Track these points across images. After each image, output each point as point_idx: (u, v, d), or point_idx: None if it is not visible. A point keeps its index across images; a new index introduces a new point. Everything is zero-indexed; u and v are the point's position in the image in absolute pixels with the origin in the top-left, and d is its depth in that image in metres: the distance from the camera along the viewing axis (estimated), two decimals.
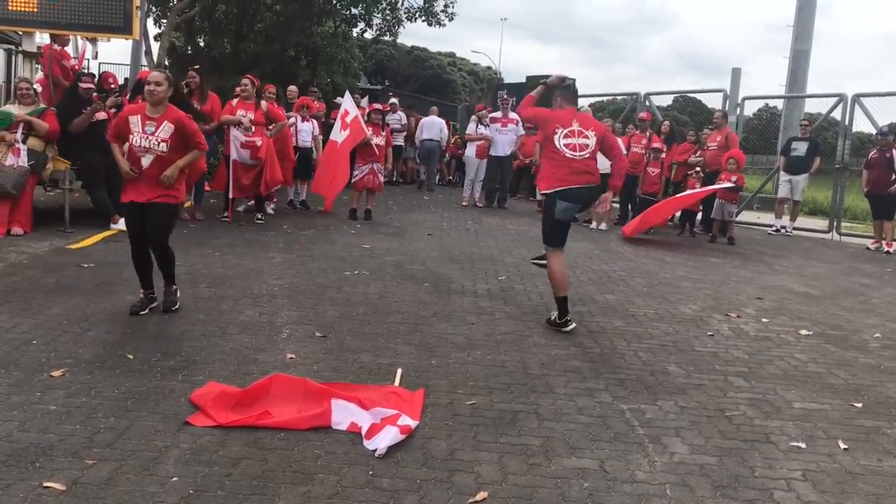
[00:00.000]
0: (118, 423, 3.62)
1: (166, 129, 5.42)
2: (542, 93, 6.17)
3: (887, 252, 11.18)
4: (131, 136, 5.42)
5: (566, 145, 5.73)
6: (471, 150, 13.81)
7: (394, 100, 17.51)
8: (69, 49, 10.02)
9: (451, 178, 18.88)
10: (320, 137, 12.31)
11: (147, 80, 5.51)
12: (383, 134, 10.99)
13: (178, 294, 5.71)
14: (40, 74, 9.72)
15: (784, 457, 3.71)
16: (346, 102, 11.14)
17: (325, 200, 11.20)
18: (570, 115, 5.94)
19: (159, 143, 5.41)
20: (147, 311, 5.47)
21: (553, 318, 5.80)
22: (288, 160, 10.61)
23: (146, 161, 5.42)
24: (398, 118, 16.68)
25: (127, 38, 9.60)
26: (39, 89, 8.74)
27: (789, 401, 4.50)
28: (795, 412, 4.32)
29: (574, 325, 5.70)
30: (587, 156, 5.81)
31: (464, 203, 13.70)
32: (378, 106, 11.44)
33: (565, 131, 5.77)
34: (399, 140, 16.67)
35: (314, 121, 11.94)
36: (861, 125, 13.42)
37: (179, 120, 5.51)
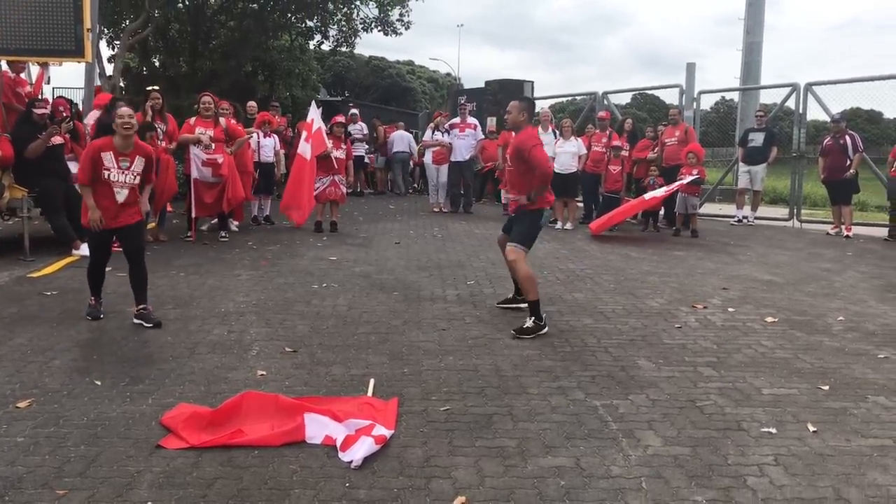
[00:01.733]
0: (88, 450, 3.56)
1: (139, 163, 5.73)
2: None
3: (846, 236, 11.40)
4: (106, 173, 5.59)
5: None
6: (428, 157, 13.90)
7: (354, 110, 17.51)
8: (25, 75, 9.87)
9: (415, 185, 18.90)
10: (282, 153, 12.29)
11: (120, 116, 5.57)
12: (344, 147, 10.95)
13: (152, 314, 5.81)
14: None
15: (756, 443, 3.76)
16: (312, 112, 11.08)
17: (300, 214, 11.03)
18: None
19: (135, 177, 5.72)
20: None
21: (529, 324, 5.67)
22: (247, 174, 10.55)
23: (121, 196, 5.68)
24: (359, 128, 16.76)
25: (80, 62, 9.46)
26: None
27: (758, 387, 4.56)
28: (765, 398, 4.39)
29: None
30: None
31: (434, 209, 13.72)
32: (341, 119, 11.39)
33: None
34: (360, 150, 16.68)
35: (276, 136, 11.91)
36: (815, 113, 13.68)
37: (148, 153, 5.83)
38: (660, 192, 11.16)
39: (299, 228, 10.96)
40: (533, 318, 5.68)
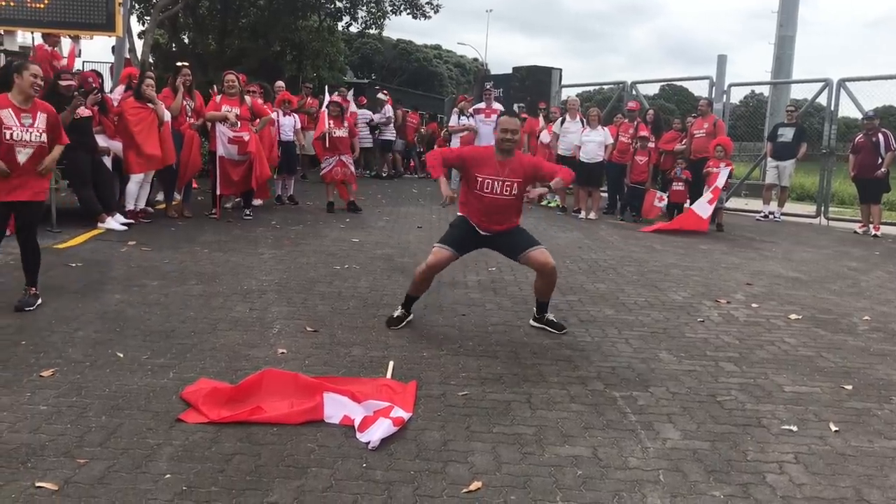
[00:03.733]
0: (109, 421, 3.60)
1: (41, 119, 5.35)
2: None
3: (875, 235, 11.25)
4: (8, 133, 5.18)
5: None
6: (455, 143, 13.82)
7: (381, 95, 17.46)
8: (60, 49, 9.95)
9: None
10: (302, 132, 12.43)
11: (33, 74, 5.24)
12: (345, 125, 10.97)
13: (38, 300, 5.46)
14: None
15: (776, 440, 3.73)
16: (327, 98, 11.33)
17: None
18: None
19: (40, 133, 5.33)
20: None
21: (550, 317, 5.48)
22: (270, 154, 10.63)
23: (23, 156, 5.25)
24: (385, 113, 16.72)
25: (110, 36, 9.53)
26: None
27: (780, 385, 4.52)
28: (786, 396, 4.34)
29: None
30: None
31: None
32: (337, 98, 11.47)
33: None
34: (388, 135, 16.71)
35: (295, 115, 11.99)
36: (846, 110, 13.45)
37: (49, 109, 5.44)
38: (706, 200, 10.89)
39: (320, 211, 10.99)
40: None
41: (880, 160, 11.28)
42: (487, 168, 5.20)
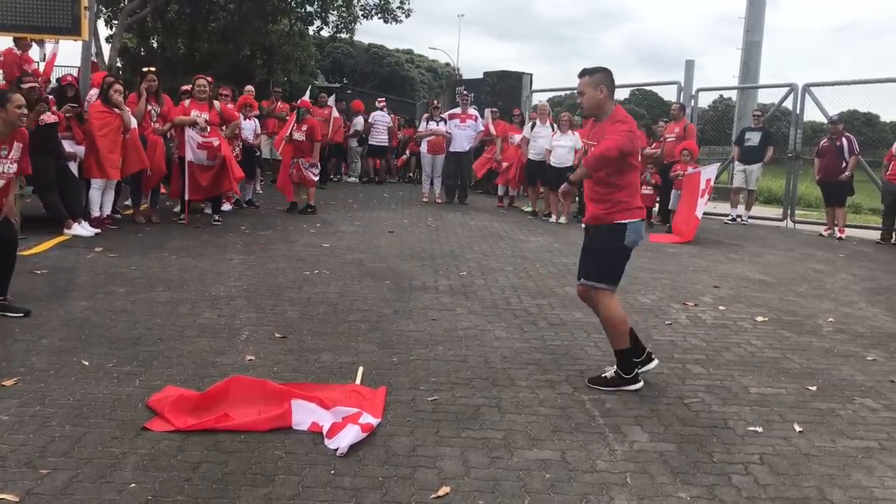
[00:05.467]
0: (73, 430, 3.55)
1: (16, 149, 5.26)
2: None
3: (839, 238, 11.42)
4: None
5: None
6: (423, 147, 13.86)
7: (381, 101, 17.49)
8: (32, 53, 9.79)
9: (411, 174, 18.85)
10: (262, 136, 12.48)
11: (18, 105, 5.10)
12: (304, 129, 10.98)
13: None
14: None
15: (742, 441, 3.77)
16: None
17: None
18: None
19: (12, 164, 5.22)
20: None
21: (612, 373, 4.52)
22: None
23: None
24: (384, 119, 16.81)
25: (76, 40, 9.40)
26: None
27: (746, 386, 4.57)
28: (752, 397, 4.40)
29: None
30: None
31: (423, 199, 13.69)
32: (300, 104, 11.61)
33: None
34: (379, 140, 16.78)
35: (255, 119, 11.97)
36: (812, 114, 13.69)
37: (24, 138, 5.33)
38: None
39: (291, 214, 10.97)
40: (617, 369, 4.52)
41: (844, 164, 11.47)
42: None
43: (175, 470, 3.22)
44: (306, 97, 12.44)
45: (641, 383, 4.44)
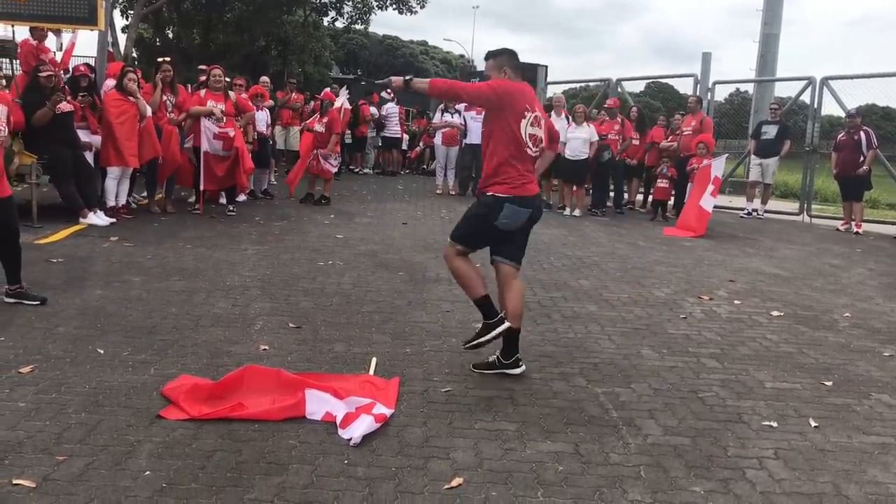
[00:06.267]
0: (89, 418, 3.57)
1: (1, 110, 5.28)
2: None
3: (856, 233, 11.33)
4: None
5: (531, 136, 4.38)
6: (438, 138, 13.84)
7: (390, 92, 17.57)
8: (49, 43, 9.85)
9: (425, 166, 18.85)
10: (296, 129, 12.51)
11: None
12: (324, 121, 11.02)
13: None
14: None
15: (756, 436, 3.75)
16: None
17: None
18: (532, 93, 4.56)
19: (2, 126, 5.23)
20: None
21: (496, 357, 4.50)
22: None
23: None
24: (396, 110, 16.92)
25: (92, 30, 9.43)
26: (4, 83, 8.59)
27: (761, 381, 4.55)
28: (767, 392, 4.37)
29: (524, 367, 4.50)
30: (538, 153, 4.53)
31: (437, 191, 13.68)
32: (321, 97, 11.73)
33: (532, 116, 4.37)
34: (392, 132, 16.85)
35: (267, 110, 12.01)
36: (830, 108, 13.56)
37: (7, 100, 5.39)
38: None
39: (305, 205, 10.99)
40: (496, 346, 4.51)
41: (862, 158, 11.37)
42: None
43: (189, 458, 3.24)
44: (329, 90, 12.50)
45: (523, 368, 4.44)
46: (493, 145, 4.38)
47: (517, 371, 4.42)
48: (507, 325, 4.37)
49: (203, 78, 10.42)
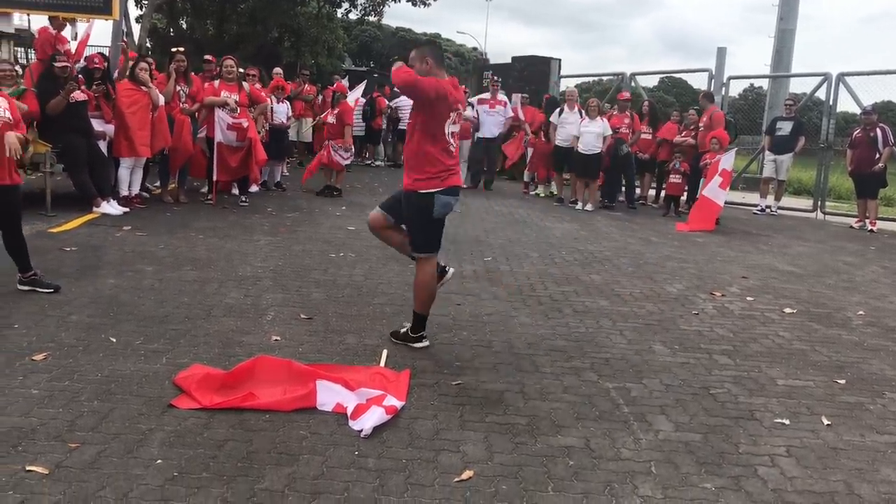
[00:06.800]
0: (101, 406, 3.59)
1: (3, 100, 5.34)
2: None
3: (871, 230, 11.25)
4: None
5: (452, 134, 4.56)
6: None
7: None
8: (66, 33, 9.88)
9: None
10: (309, 121, 12.51)
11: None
12: (335, 112, 11.05)
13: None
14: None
15: (768, 433, 3.73)
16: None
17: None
18: (458, 90, 4.68)
19: (4, 111, 5.24)
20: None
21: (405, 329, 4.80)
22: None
23: None
24: (408, 103, 16.87)
25: (107, 19, 9.46)
26: (20, 71, 8.63)
27: (773, 378, 4.52)
28: (779, 389, 4.35)
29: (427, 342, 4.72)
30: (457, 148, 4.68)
31: None
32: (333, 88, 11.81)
33: (455, 115, 4.55)
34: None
35: (287, 102, 12.02)
36: (845, 105, 13.48)
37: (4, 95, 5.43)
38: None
39: (317, 197, 11.01)
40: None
41: (878, 155, 11.27)
42: None
43: (201, 447, 3.25)
44: (343, 81, 12.56)
45: (427, 343, 4.68)
46: (418, 141, 4.51)
47: (420, 345, 4.67)
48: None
49: (208, 68, 10.46)
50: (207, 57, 10.66)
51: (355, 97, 11.91)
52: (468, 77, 25.45)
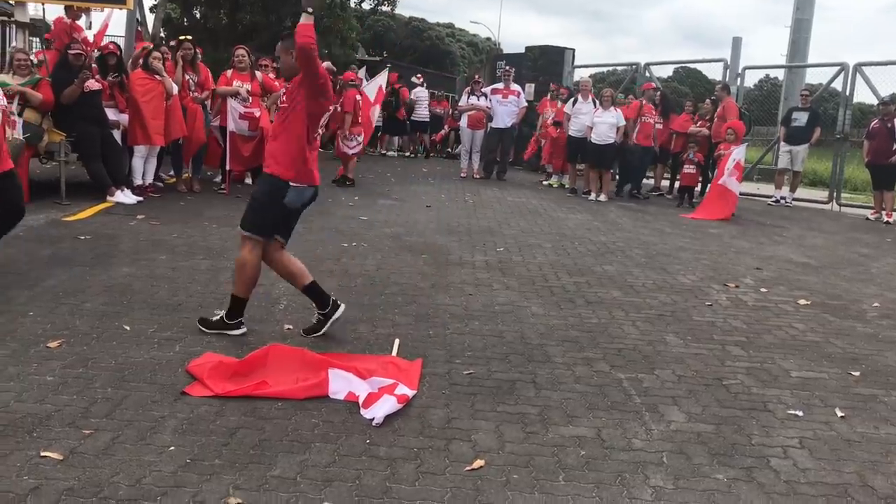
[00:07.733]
0: (115, 393, 3.61)
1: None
2: None
3: (887, 222, 11.16)
4: None
5: (321, 128, 4.62)
6: (463, 121, 13.77)
7: (414, 79, 17.78)
8: (81, 22, 9.92)
9: (450, 149, 18.80)
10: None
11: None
12: (339, 101, 11.04)
13: None
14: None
15: (781, 425, 3.71)
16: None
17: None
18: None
19: (1, 98, 5.44)
20: None
21: (221, 317, 4.58)
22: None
23: None
24: (425, 94, 17.06)
25: (121, 9, 9.49)
26: (35, 60, 8.66)
27: (787, 369, 4.50)
28: (793, 381, 4.32)
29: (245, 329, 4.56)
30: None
31: (462, 174, 13.64)
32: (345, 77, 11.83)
33: (328, 115, 4.67)
34: (420, 115, 17.00)
35: None
36: (862, 96, 13.36)
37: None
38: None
39: (330, 186, 11.02)
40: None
41: (895, 146, 11.16)
42: None
43: (213, 434, 3.27)
44: (360, 73, 12.57)
45: (244, 330, 4.53)
46: (289, 132, 4.46)
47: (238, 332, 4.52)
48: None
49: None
50: (198, 50, 10.53)
51: (377, 86, 11.97)
52: (482, 67, 25.38)
